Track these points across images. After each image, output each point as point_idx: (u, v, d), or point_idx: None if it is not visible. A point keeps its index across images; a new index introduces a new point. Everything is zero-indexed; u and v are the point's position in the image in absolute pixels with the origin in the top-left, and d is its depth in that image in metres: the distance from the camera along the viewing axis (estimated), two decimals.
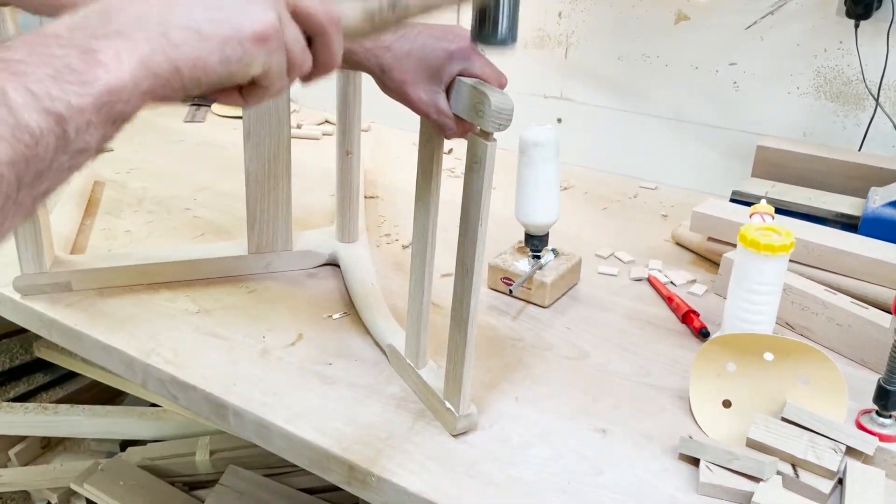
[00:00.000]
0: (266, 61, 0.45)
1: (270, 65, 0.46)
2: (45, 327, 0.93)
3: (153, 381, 0.84)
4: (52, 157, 0.37)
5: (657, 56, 1.34)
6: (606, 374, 0.84)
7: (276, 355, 0.86)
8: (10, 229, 0.37)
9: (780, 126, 1.26)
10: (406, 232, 1.17)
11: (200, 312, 0.93)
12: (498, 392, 0.80)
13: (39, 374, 1.59)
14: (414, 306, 0.78)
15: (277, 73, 0.46)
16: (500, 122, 0.60)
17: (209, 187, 1.29)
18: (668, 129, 1.37)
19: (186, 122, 1.62)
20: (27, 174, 0.36)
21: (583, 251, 1.06)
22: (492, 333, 0.91)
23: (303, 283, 1.01)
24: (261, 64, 0.45)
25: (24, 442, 1.50)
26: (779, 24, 1.21)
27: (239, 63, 0.44)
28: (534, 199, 0.95)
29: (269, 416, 0.76)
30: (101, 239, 1.10)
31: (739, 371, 0.75)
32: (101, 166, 1.34)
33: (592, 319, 0.95)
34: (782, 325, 0.92)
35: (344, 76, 0.98)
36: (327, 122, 1.66)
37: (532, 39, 1.45)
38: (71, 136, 0.37)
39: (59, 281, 0.94)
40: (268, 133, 0.95)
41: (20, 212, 0.37)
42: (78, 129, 0.37)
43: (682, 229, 1.13)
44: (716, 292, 1.01)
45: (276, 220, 1.00)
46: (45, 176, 0.37)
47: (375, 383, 0.82)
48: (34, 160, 0.36)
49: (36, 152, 0.36)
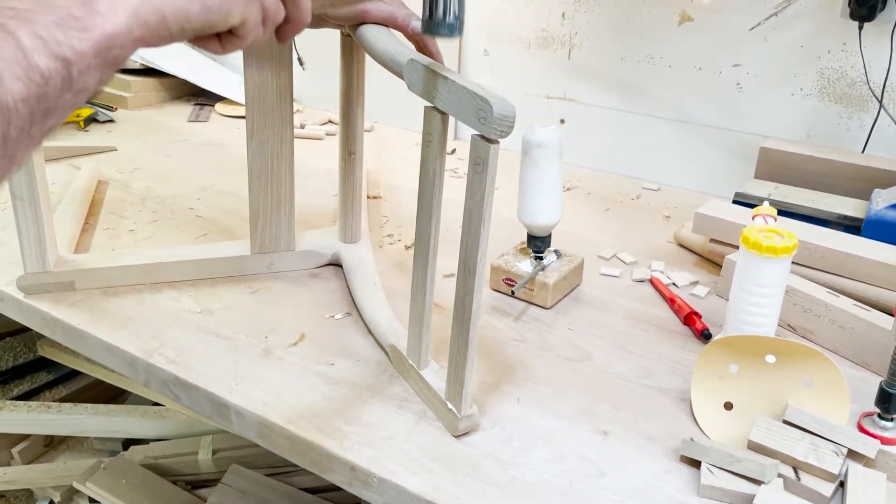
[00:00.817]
0: (243, 12, 0.51)
1: (247, 15, 0.52)
2: (48, 326, 0.93)
3: (156, 380, 0.84)
4: (59, 95, 0.41)
5: (660, 57, 1.33)
6: (608, 375, 0.84)
7: (279, 355, 0.86)
8: (22, 161, 0.42)
9: (783, 127, 1.26)
10: (408, 232, 1.17)
11: (203, 312, 0.93)
12: (500, 393, 0.80)
13: (43, 372, 1.60)
14: (416, 307, 0.78)
15: (253, 23, 0.53)
16: (503, 129, 0.60)
17: (212, 187, 1.29)
18: (672, 129, 1.37)
19: (190, 121, 1.62)
20: (38, 111, 0.40)
21: (585, 252, 1.06)
22: (494, 334, 0.91)
23: (306, 283, 1.02)
24: (238, 14, 0.51)
25: (28, 440, 1.50)
26: (782, 25, 1.21)
27: (219, 13, 0.49)
28: (536, 200, 0.95)
29: (270, 416, 0.76)
30: (104, 238, 1.10)
31: (741, 373, 0.75)
32: (105, 166, 1.34)
33: (594, 321, 0.95)
34: (784, 327, 0.92)
35: (347, 77, 0.98)
36: (330, 122, 1.66)
37: (536, 40, 1.45)
38: (74, 77, 0.42)
39: (63, 280, 0.94)
40: (271, 133, 0.95)
41: (31, 144, 0.41)
42: (80, 70, 0.42)
43: (685, 230, 1.13)
44: (718, 294, 1.01)
45: (279, 221, 1.01)
46: (52, 113, 0.41)
47: (377, 383, 0.82)
48: (44, 98, 0.40)
49: (45, 91, 0.40)
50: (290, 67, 0.92)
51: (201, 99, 1.73)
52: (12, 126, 0.39)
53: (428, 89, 0.68)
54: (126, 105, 1.66)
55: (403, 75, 0.71)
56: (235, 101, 1.70)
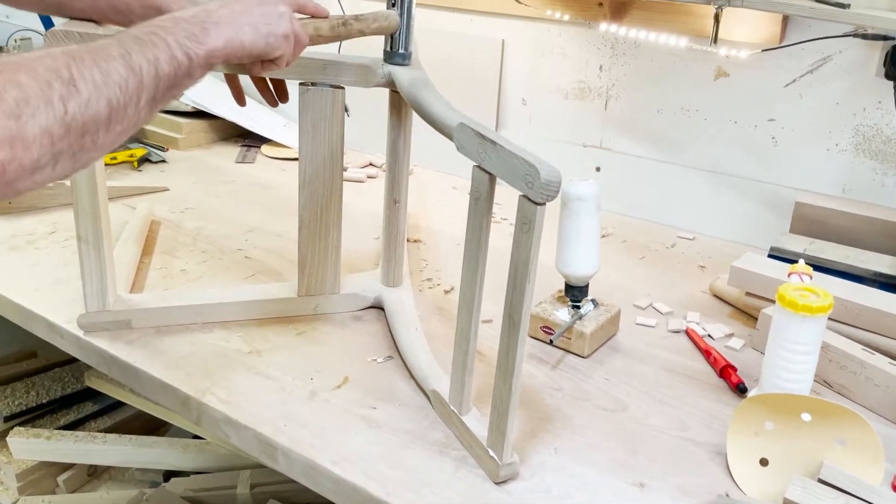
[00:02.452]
0: (284, 48, 0.77)
1: (285, 51, 0.78)
2: (105, 363, 0.97)
3: (207, 419, 0.88)
4: (181, 80, 0.66)
5: (696, 110, 1.37)
6: (644, 426, 0.86)
7: (324, 397, 0.89)
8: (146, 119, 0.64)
9: (818, 182, 1.28)
10: (447, 276, 1.20)
11: (252, 353, 0.97)
12: (538, 442, 0.83)
13: (89, 402, 1.65)
14: (459, 354, 0.81)
15: (287, 57, 0.79)
16: (549, 193, 0.63)
17: (259, 228, 1.34)
18: (707, 180, 1.39)
19: (237, 162, 1.68)
20: (171, 85, 0.64)
21: (621, 300, 1.08)
22: (531, 382, 0.93)
23: (349, 326, 1.05)
24: (281, 50, 0.77)
25: (72, 469, 1.54)
26: (818, 82, 1.24)
27: (271, 47, 0.75)
28: (575, 251, 0.98)
29: (317, 458, 0.79)
30: (158, 278, 1.15)
31: (777, 430, 0.76)
32: (158, 206, 1.40)
33: (631, 371, 0.97)
34: (820, 383, 0.93)
35: (394, 131, 1.02)
36: (371, 164, 1.71)
37: (573, 91, 1.49)
38: (192, 70, 0.66)
39: (121, 319, 0.99)
40: (321, 184, 0.99)
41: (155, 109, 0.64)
42: (195, 66, 0.66)
43: (720, 282, 1.15)
44: (753, 347, 1.02)
45: (325, 265, 1.05)
46: (175, 87, 0.65)
47: (419, 428, 0.84)
48: (174, 78, 0.64)
49: (177, 73, 0.65)
50: (341, 124, 0.97)
51: (248, 141, 1.80)
52: (159, 89, 0.63)
53: (477, 152, 0.72)
54: (177, 145, 1.73)
55: (453, 137, 0.75)
56: (281, 143, 1.76)
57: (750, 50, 1.26)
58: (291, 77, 0.94)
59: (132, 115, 0.61)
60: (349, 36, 0.88)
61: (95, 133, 0.58)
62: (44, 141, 0.54)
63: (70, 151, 0.56)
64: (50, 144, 0.54)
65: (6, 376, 1.68)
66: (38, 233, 1.27)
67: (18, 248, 1.21)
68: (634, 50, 1.40)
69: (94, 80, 0.57)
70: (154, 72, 0.62)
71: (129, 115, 0.60)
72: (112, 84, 0.58)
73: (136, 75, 0.61)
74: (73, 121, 0.56)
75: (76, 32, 0.83)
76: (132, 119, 0.61)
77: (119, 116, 0.59)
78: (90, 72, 0.57)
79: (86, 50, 0.58)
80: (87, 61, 0.57)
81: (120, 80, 0.59)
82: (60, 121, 0.55)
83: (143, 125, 0.64)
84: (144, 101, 0.62)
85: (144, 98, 0.62)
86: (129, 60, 0.60)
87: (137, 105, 0.61)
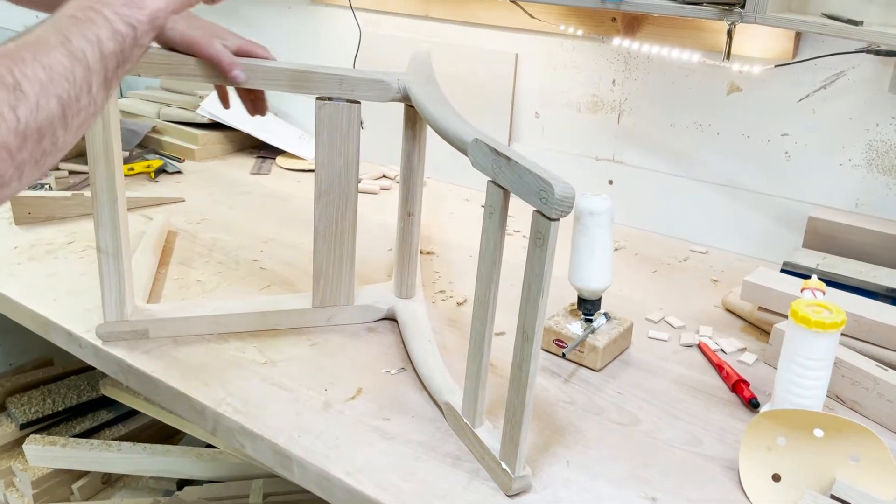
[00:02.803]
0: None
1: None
2: (122, 373, 0.99)
3: (223, 429, 0.89)
4: (130, 50, 0.62)
5: (709, 124, 1.37)
6: (657, 441, 0.86)
7: (338, 408, 0.90)
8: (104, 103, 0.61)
9: (831, 196, 1.28)
10: (460, 288, 1.21)
11: (267, 363, 0.98)
12: (550, 455, 0.83)
13: (104, 411, 1.66)
14: (472, 367, 0.81)
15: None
16: (563, 209, 0.64)
17: (274, 239, 1.36)
18: (719, 194, 1.39)
19: (252, 173, 1.70)
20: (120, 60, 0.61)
21: (632, 313, 1.09)
22: (544, 395, 0.94)
23: (362, 337, 1.06)
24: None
25: (87, 477, 1.56)
26: (831, 98, 1.24)
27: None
28: (588, 265, 0.99)
29: (331, 469, 0.80)
30: (174, 288, 1.17)
31: (789, 445, 0.76)
32: (174, 216, 1.42)
33: (643, 385, 0.97)
34: (833, 398, 0.93)
35: (409, 144, 1.03)
36: (384, 176, 1.72)
37: (586, 104, 1.50)
38: (138, 38, 0.63)
39: (138, 329, 1.00)
40: (337, 196, 1.01)
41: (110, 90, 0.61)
42: (141, 33, 0.63)
43: (733, 296, 1.15)
44: (766, 362, 1.02)
45: (339, 276, 1.06)
46: (126, 62, 0.62)
47: (431, 440, 0.85)
48: (121, 54, 0.61)
49: (123, 47, 0.61)
50: (357, 138, 0.98)
51: (263, 152, 1.82)
52: (108, 70, 0.60)
53: (492, 167, 0.72)
54: (193, 157, 1.75)
55: (468, 153, 0.76)
56: (296, 154, 1.78)
57: (763, 65, 1.27)
58: (309, 92, 0.95)
59: (87, 105, 0.58)
60: None
61: (53, 134, 0.56)
62: (2, 155, 0.51)
63: (32, 159, 0.54)
64: (9, 158, 0.52)
65: (23, 384, 1.70)
66: (56, 242, 1.29)
67: (38, 258, 1.23)
68: (647, 64, 1.41)
69: (38, 79, 0.54)
70: (98, 53, 0.59)
71: (84, 105, 0.58)
72: (58, 78, 0.55)
73: (81, 63, 0.57)
74: (28, 128, 0.53)
75: None
76: (88, 109, 0.59)
77: (73, 111, 0.57)
78: (33, 70, 0.54)
79: (23, 46, 0.55)
80: (27, 60, 0.54)
81: (65, 71, 0.56)
82: (14, 131, 0.52)
83: (102, 110, 0.62)
84: (97, 86, 0.59)
85: (96, 83, 0.59)
86: (70, 47, 0.57)
87: (90, 93, 0.58)
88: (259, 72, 0.94)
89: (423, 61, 1.07)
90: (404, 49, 1.62)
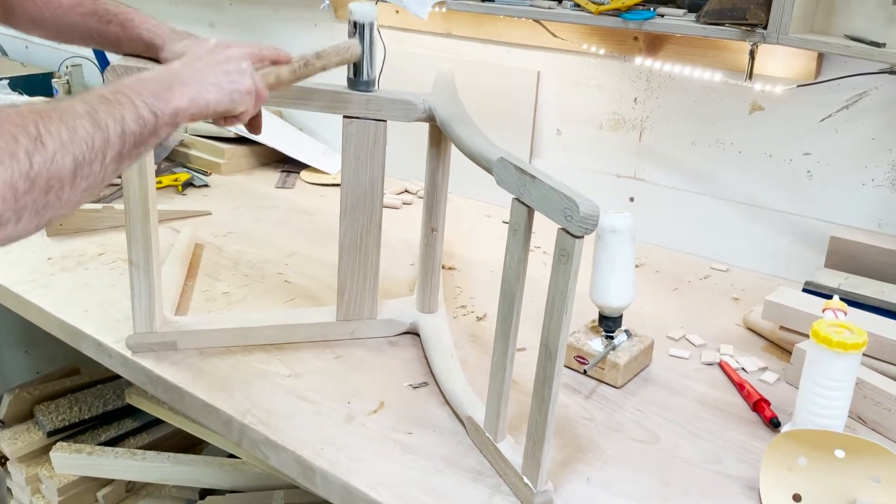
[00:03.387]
0: (247, 104, 0.80)
1: (247, 106, 0.80)
2: (150, 383, 1.01)
3: (248, 440, 0.91)
4: (148, 136, 0.67)
5: (731, 143, 1.38)
6: (677, 459, 0.87)
7: (360, 421, 0.91)
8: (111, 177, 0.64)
9: (853, 216, 1.28)
10: (481, 304, 1.22)
11: (291, 376, 1.00)
12: (570, 471, 0.84)
13: (129, 419, 1.69)
14: (495, 384, 0.83)
15: (249, 111, 0.82)
16: (587, 227, 0.65)
17: (299, 253, 1.38)
18: (741, 213, 1.40)
19: (277, 187, 1.73)
20: (137, 142, 0.66)
21: (653, 331, 1.09)
22: (564, 411, 0.95)
23: (385, 351, 1.07)
24: (244, 107, 0.80)
25: (111, 485, 1.58)
26: (853, 117, 1.24)
27: (236, 104, 0.78)
28: (609, 282, 1.00)
29: (353, 482, 0.81)
30: (201, 300, 1.19)
31: (810, 466, 0.77)
32: (201, 229, 1.45)
33: (663, 402, 0.97)
34: (854, 419, 0.93)
35: (433, 162, 1.05)
36: (406, 191, 1.74)
37: (607, 122, 1.51)
38: (158, 128, 0.68)
39: (167, 340, 1.02)
40: (362, 211, 1.02)
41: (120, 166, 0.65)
42: (161, 124, 0.69)
43: (754, 315, 1.16)
44: (787, 381, 1.02)
45: (363, 291, 1.07)
46: (142, 145, 0.67)
47: (453, 454, 0.86)
48: (140, 136, 0.66)
49: (142, 131, 0.66)
50: (383, 155, 1.00)
51: (287, 166, 1.84)
52: (125, 146, 0.64)
53: (517, 186, 0.74)
54: (219, 170, 1.78)
55: (493, 171, 0.78)
56: (320, 169, 1.80)
57: (785, 85, 1.27)
58: (338, 112, 0.97)
59: (97, 171, 0.61)
60: (312, 74, 0.89)
61: (60, 189, 0.58)
62: (7, 195, 0.53)
63: (34, 207, 0.56)
64: (13, 199, 0.54)
65: (51, 392, 1.73)
66: (87, 254, 1.32)
67: (69, 269, 1.26)
68: (669, 83, 1.42)
69: (60, 136, 0.58)
70: (120, 129, 0.63)
71: (95, 171, 0.61)
72: (78, 140, 0.59)
73: (103, 132, 0.61)
74: (38, 175, 0.55)
75: (135, 67, 0.87)
76: (98, 176, 0.61)
77: (84, 173, 0.59)
78: (57, 128, 0.58)
79: (53, 108, 0.59)
80: (53, 118, 0.58)
81: (86, 136, 0.60)
82: (25, 175, 0.54)
83: (108, 182, 0.64)
84: (110, 157, 0.62)
85: (110, 155, 0.62)
86: (96, 118, 0.61)
87: (103, 162, 0.61)
88: (296, 92, 0.96)
89: (447, 82, 1.09)
90: (428, 66, 1.65)
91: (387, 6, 1.62)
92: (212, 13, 2.10)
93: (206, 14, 2.11)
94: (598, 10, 1.27)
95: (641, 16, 1.23)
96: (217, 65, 0.77)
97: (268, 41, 1.93)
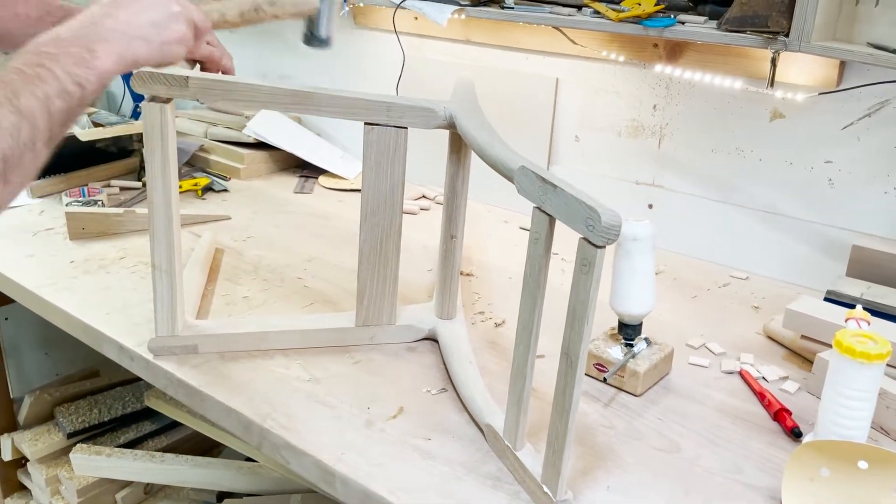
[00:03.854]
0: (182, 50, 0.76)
1: (183, 51, 0.76)
2: (172, 386, 1.02)
3: (268, 444, 0.91)
4: (76, 109, 0.64)
5: (751, 150, 1.37)
6: (697, 468, 0.86)
7: (380, 426, 0.92)
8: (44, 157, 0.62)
9: (875, 224, 1.27)
10: (499, 310, 1.22)
11: (311, 380, 1.00)
12: (590, 479, 0.84)
13: (147, 422, 1.70)
14: (515, 392, 0.83)
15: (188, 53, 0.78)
16: (609, 236, 0.65)
17: (318, 258, 1.38)
18: (761, 220, 1.39)
19: (296, 192, 1.74)
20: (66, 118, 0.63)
21: (673, 339, 1.09)
22: (584, 419, 0.94)
23: (403, 357, 1.08)
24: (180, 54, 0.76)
25: (130, 487, 1.60)
26: (875, 125, 1.24)
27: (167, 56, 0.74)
28: (629, 290, 1.00)
29: (373, 487, 0.82)
30: (221, 304, 1.20)
31: (833, 477, 0.76)
32: (221, 234, 1.46)
33: (683, 411, 0.97)
34: (877, 430, 0.92)
35: (453, 168, 1.06)
36: (424, 196, 1.75)
37: (626, 129, 1.51)
38: (86, 98, 0.65)
39: (188, 344, 1.03)
40: (382, 217, 1.03)
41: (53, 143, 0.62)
42: (89, 93, 0.65)
43: (775, 324, 1.15)
44: (809, 391, 1.01)
45: (383, 296, 1.08)
46: (71, 120, 0.64)
47: (472, 461, 0.86)
48: (68, 111, 0.63)
49: (70, 106, 0.63)
50: (403, 162, 1.01)
51: (305, 171, 1.85)
52: (53, 128, 0.61)
53: (538, 194, 0.74)
54: (239, 175, 1.79)
55: (514, 180, 0.78)
56: (338, 174, 1.81)
57: (806, 93, 1.27)
58: (357, 119, 0.98)
59: (29, 161, 0.58)
60: (261, 20, 0.84)
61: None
62: None
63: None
64: None
65: (71, 394, 1.75)
66: (109, 257, 1.33)
67: (91, 272, 1.28)
68: (689, 90, 1.41)
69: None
70: (46, 111, 0.59)
71: (27, 162, 0.58)
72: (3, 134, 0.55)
73: (28, 120, 0.57)
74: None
75: (161, 75, 0.88)
76: (30, 166, 0.58)
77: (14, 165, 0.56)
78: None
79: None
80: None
81: (11, 128, 0.56)
82: None
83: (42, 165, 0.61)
84: (41, 144, 0.59)
85: (40, 142, 0.59)
86: (18, 104, 0.57)
87: (34, 150, 0.58)
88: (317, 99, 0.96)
89: (466, 90, 1.09)
90: (446, 72, 1.66)
91: (406, 13, 1.63)
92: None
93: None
94: (619, 18, 1.27)
95: (662, 23, 1.23)
96: (142, 11, 0.70)
97: (289, 49, 1.94)
